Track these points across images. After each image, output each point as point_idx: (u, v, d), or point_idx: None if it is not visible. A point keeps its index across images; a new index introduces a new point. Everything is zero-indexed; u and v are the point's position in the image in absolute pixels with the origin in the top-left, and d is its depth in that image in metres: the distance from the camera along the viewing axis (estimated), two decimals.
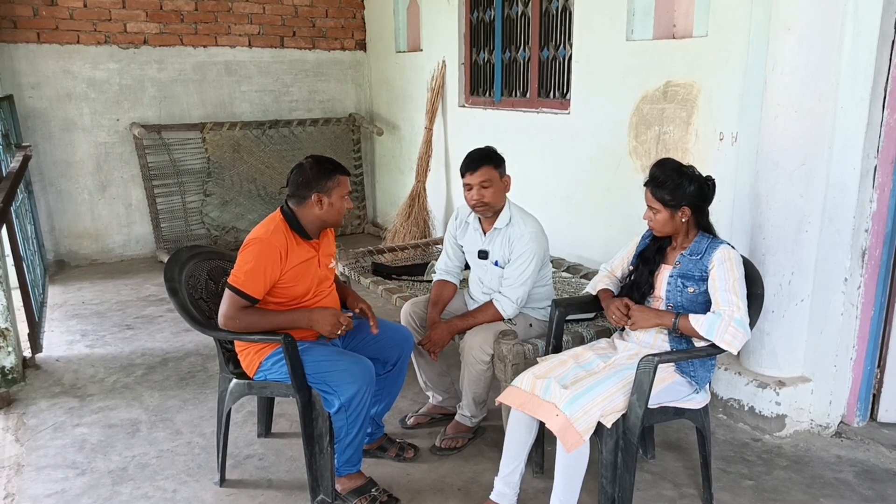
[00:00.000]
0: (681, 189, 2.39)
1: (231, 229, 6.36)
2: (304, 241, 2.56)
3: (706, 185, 2.42)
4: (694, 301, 2.42)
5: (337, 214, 2.57)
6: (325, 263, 2.66)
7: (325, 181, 2.51)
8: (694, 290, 2.42)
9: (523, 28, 4.88)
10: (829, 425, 3.08)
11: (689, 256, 2.45)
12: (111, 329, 4.44)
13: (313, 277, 2.59)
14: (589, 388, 2.26)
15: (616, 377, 2.32)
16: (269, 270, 2.44)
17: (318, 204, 2.51)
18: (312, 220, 2.55)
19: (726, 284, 2.34)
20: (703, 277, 2.40)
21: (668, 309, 2.46)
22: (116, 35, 5.76)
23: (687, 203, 2.40)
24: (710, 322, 2.32)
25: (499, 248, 2.92)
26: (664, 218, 2.43)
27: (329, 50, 6.69)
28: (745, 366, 3.18)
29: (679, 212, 2.41)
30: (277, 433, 3.12)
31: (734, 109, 3.21)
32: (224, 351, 2.69)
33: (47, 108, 5.61)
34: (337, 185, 2.53)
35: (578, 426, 2.20)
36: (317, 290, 2.62)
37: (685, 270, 2.44)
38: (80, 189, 5.85)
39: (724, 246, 2.42)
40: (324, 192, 2.51)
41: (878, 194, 2.86)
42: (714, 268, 2.37)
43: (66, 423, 3.22)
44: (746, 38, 3.09)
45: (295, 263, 2.51)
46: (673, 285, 2.46)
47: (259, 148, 6.37)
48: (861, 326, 3.01)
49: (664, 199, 2.41)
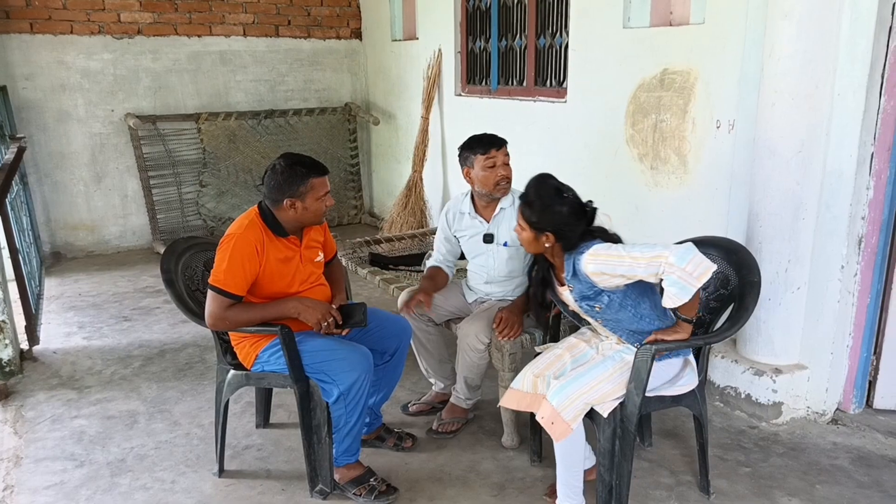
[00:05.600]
0: (548, 212, 2.27)
1: (227, 220, 6.34)
2: (281, 238, 2.51)
3: (582, 209, 2.30)
4: (612, 307, 2.30)
5: (314, 216, 2.51)
6: (308, 258, 2.61)
7: (297, 186, 2.43)
8: (600, 307, 2.31)
9: (520, 16, 4.85)
10: (825, 412, 3.09)
11: (571, 279, 2.32)
12: (108, 321, 4.44)
13: (294, 275, 2.55)
14: (576, 377, 2.28)
15: (603, 365, 2.32)
16: (248, 265, 2.40)
17: (292, 208, 2.45)
18: (289, 220, 2.50)
19: (631, 266, 2.16)
20: (598, 291, 2.28)
21: (597, 312, 2.34)
22: (110, 25, 5.72)
23: (552, 229, 2.27)
24: (674, 286, 2.14)
25: (506, 228, 2.91)
26: (528, 238, 2.34)
27: (324, 39, 6.65)
28: (741, 353, 3.19)
29: (543, 236, 2.29)
30: (276, 423, 3.13)
31: (731, 97, 3.20)
32: (221, 342, 2.69)
33: (41, 100, 5.58)
34: (310, 189, 2.45)
35: (565, 415, 2.22)
36: (304, 287, 2.58)
37: (580, 293, 2.32)
38: (76, 180, 5.83)
39: (584, 255, 2.24)
40: (297, 197, 2.44)
41: (875, 182, 2.86)
42: (604, 273, 2.21)
43: (65, 415, 3.22)
44: (743, 24, 3.08)
45: (272, 260, 2.47)
46: (584, 308, 2.36)
47: (255, 138, 6.35)
48: (857, 314, 3.01)
49: (530, 219, 2.30)
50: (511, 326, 2.73)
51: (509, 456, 2.86)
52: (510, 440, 2.90)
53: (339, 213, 6.90)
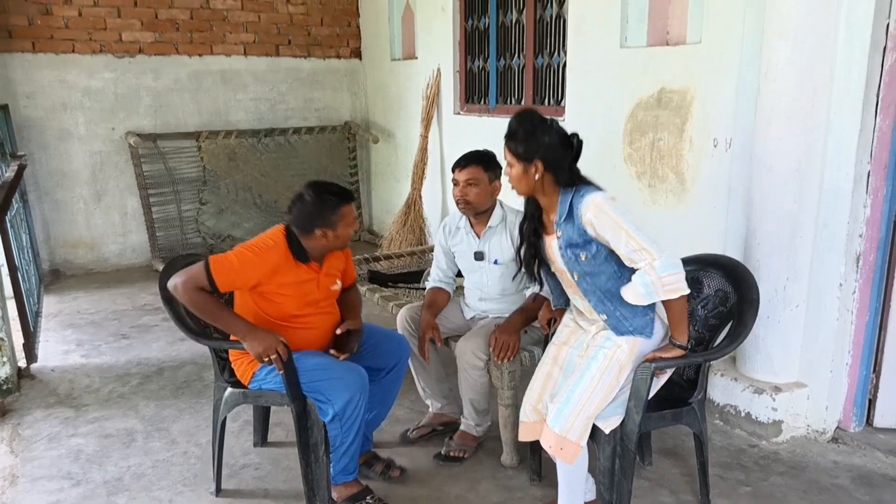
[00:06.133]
0: (533, 140, 2.19)
1: (227, 238, 6.35)
2: (303, 263, 2.50)
3: (569, 140, 2.23)
4: (594, 264, 2.22)
5: (342, 242, 2.51)
6: (325, 285, 2.59)
7: (329, 216, 2.43)
8: (587, 255, 2.20)
9: (518, 35, 4.90)
10: (825, 431, 3.08)
11: (562, 223, 2.23)
12: (106, 338, 4.43)
13: (308, 299, 2.54)
14: (569, 393, 2.24)
15: (589, 371, 2.25)
16: (245, 274, 2.39)
17: (324, 237, 2.45)
18: (317, 248, 2.49)
19: (620, 239, 2.12)
20: (587, 240, 2.19)
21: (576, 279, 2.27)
22: (112, 44, 5.76)
23: (540, 156, 2.19)
24: (643, 286, 2.14)
25: (496, 245, 2.93)
26: (517, 173, 2.23)
27: (324, 58, 6.70)
28: (741, 371, 3.18)
29: (532, 166, 2.20)
30: (273, 442, 3.11)
31: (728, 115, 3.22)
32: (219, 360, 2.69)
33: (42, 118, 5.61)
34: (341, 217, 2.45)
35: (571, 436, 2.19)
36: (311, 311, 2.57)
37: (568, 238, 2.22)
38: (76, 198, 5.84)
39: (587, 197, 2.17)
40: (328, 227, 2.44)
41: (872, 199, 2.87)
42: (596, 228, 2.15)
43: (62, 434, 3.21)
44: (740, 44, 3.11)
45: (289, 282, 2.47)
46: (567, 256, 2.25)
47: (255, 156, 6.37)
48: (856, 332, 3.01)
49: (516, 150, 2.21)
50: (506, 347, 2.71)
51: (508, 475, 2.84)
52: (509, 459, 2.88)
53: None
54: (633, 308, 2.24)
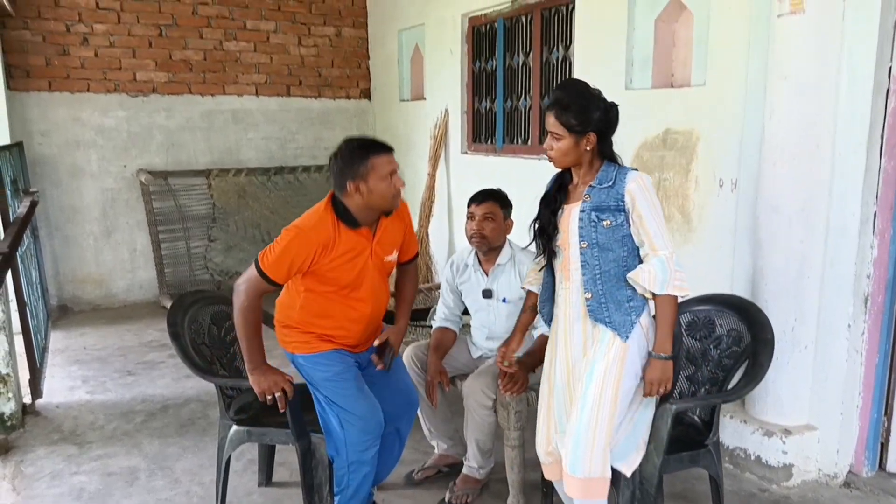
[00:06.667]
0: (587, 112, 2.16)
1: (234, 274, 6.37)
2: (353, 229, 2.36)
3: (611, 110, 2.22)
4: (610, 237, 2.19)
5: (381, 199, 2.33)
6: (378, 255, 2.44)
7: (358, 167, 2.30)
8: (610, 222, 2.18)
9: (524, 77, 4.97)
10: (837, 475, 3.03)
11: (598, 187, 2.20)
12: (112, 375, 4.42)
13: (362, 270, 2.39)
14: (576, 428, 2.18)
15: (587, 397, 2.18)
16: (298, 261, 2.30)
17: (357, 192, 2.31)
18: (358, 208, 2.34)
19: (655, 222, 2.15)
20: (620, 207, 2.17)
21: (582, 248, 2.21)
22: (126, 83, 5.88)
23: (593, 129, 2.17)
24: (661, 271, 2.14)
25: (505, 283, 2.94)
26: (566, 146, 2.18)
27: (334, 98, 6.81)
28: (750, 413, 3.14)
29: (584, 139, 2.18)
30: (278, 482, 3.08)
31: (733, 156, 3.25)
32: (225, 397, 2.68)
33: (56, 155, 5.70)
34: (371, 168, 2.29)
35: (595, 474, 2.15)
36: (364, 287, 2.42)
37: (598, 202, 2.19)
38: (86, 234, 5.89)
39: (636, 173, 2.20)
40: (359, 179, 2.29)
41: (879, 240, 2.87)
42: (635, 200, 2.15)
43: (64, 471, 3.18)
44: (744, 86, 3.15)
45: (340, 252, 2.34)
46: (586, 220, 2.20)
47: (264, 194, 6.43)
48: (866, 373, 2.98)
49: (569, 123, 2.15)
50: (516, 381, 2.70)
51: None
52: (516, 502, 2.83)
53: None
54: (619, 302, 2.21)
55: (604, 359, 2.20)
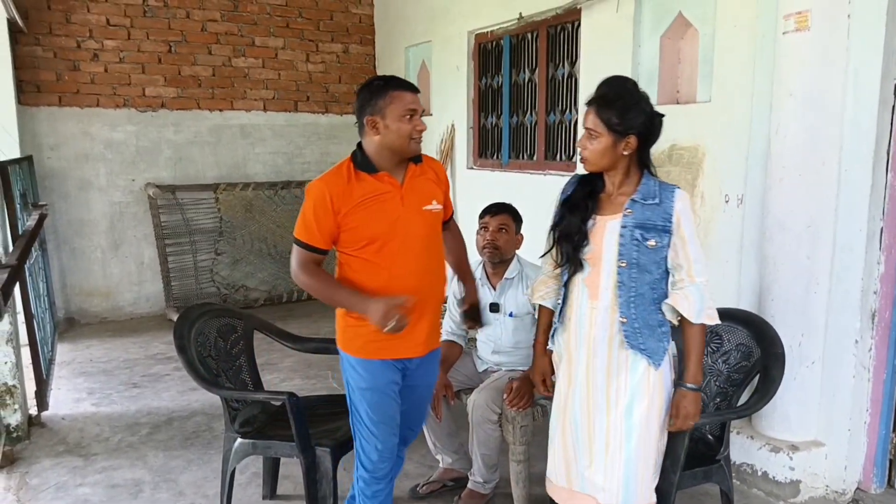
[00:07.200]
0: (631, 112, 1.98)
1: (241, 287, 6.40)
2: (371, 175, 2.20)
3: (656, 117, 2.05)
4: (651, 258, 2.02)
5: (398, 138, 2.16)
6: (412, 203, 2.23)
7: (376, 100, 2.14)
8: (655, 242, 2.00)
9: (530, 94, 5.00)
10: (845, 491, 3.00)
11: (642, 202, 2.02)
12: (118, 387, 4.43)
13: (390, 218, 2.20)
14: (625, 464, 2.07)
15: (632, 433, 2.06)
16: (322, 220, 2.18)
17: (374, 129, 2.15)
18: (375, 149, 2.18)
19: (697, 247, 2.03)
20: (667, 228, 2.01)
21: (620, 267, 2.03)
22: (135, 99, 5.94)
23: (636, 132, 1.99)
24: (699, 300, 2.02)
25: (512, 298, 2.94)
26: (603, 146, 2.00)
27: (341, 114, 6.86)
28: (757, 429, 3.12)
29: (623, 141, 1.99)
30: (282, 495, 3.07)
31: (739, 172, 3.25)
32: (230, 409, 2.68)
33: (65, 169, 5.74)
34: (390, 101, 2.13)
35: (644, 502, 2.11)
36: (403, 234, 2.21)
37: (643, 219, 2.01)
38: (94, 247, 5.93)
39: (681, 191, 2.05)
40: (377, 114, 2.14)
41: (886, 256, 2.87)
42: (681, 222, 2.01)
43: (69, 483, 3.18)
44: (749, 102, 3.16)
45: (358, 201, 2.18)
46: (628, 238, 2.02)
47: (271, 208, 6.47)
48: (874, 389, 2.96)
49: (610, 121, 1.98)
50: (522, 396, 2.70)
51: None
52: None
53: None
54: (652, 328, 2.07)
55: (643, 390, 2.08)
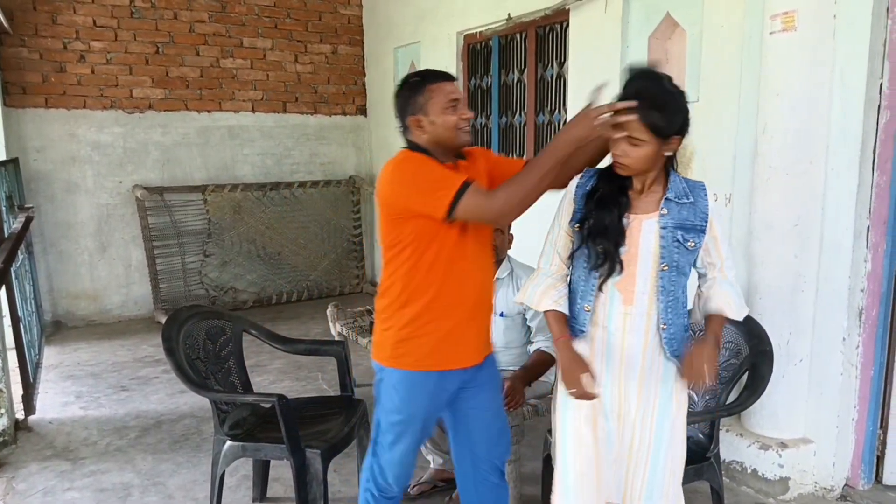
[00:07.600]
0: (678, 115, 1.84)
1: (230, 289, 6.37)
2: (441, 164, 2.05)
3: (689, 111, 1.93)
4: (689, 260, 1.94)
5: (447, 130, 2.04)
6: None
7: (415, 97, 2.04)
8: (694, 243, 1.91)
9: (519, 94, 5.01)
10: (833, 488, 3.03)
11: (677, 201, 1.91)
12: (106, 390, 4.40)
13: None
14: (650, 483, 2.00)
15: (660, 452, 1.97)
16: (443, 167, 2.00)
17: (419, 127, 2.05)
18: (428, 146, 2.06)
19: (727, 243, 1.96)
20: (703, 228, 1.91)
21: (662, 271, 1.90)
22: (122, 100, 5.90)
23: (679, 132, 1.86)
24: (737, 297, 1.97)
25: (503, 298, 2.94)
26: (648, 152, 1.83)
27: (330, 115, 6.85)
28: (746, 427, 3.14)
29: (667, 144, 1.85)
30: (272, 498, 3.06)
31: (727, 171, 3.27)
32: (219, 412, 2.66)
33: (51, 171, 5.70)
34: (430, 97, 2.02)
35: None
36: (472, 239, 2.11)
37: (681, 219, 1.90)
38: (81, 250, 5.88)
39: (705, 188, 1.97)
40: (418, 112, 2.03)
41: (872, 254, 2.89)
42: (713, 220, 1.93)
43: (57, 488, 3.15)
44: (737, 103, 3.18)
45: None
46: (669, 240, 1.90)
47: (260, 209, 6.44)
48: (861, 387, 2.99)
49: (657, 125, 1.80)
50: (513, 396, 2.70)
51: None
52: None
53: (340, 283, 6.94)
54: (683, 333, 1.98)
55: (674, 401, 1.99)
